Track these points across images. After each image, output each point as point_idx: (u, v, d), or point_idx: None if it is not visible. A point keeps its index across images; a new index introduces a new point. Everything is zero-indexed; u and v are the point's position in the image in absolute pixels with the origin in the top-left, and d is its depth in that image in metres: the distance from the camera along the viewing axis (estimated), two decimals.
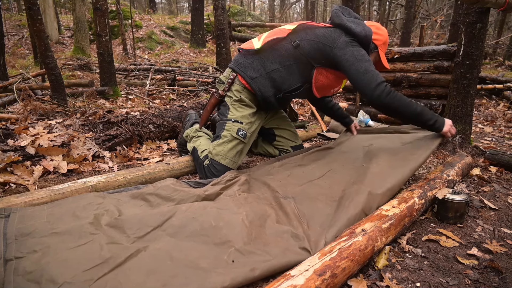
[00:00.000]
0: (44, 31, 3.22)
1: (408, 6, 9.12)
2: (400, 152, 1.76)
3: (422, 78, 2.83)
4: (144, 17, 13.38)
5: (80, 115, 2.90)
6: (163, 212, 1.30)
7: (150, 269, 1.03)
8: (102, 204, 1.36)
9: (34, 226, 1.17)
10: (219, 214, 1.29)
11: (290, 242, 1.20)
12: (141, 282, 0.98)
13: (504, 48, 9.90)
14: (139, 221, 1.24)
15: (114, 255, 1.05)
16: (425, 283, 1.10)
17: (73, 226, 1.17)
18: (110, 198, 1.43)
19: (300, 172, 1.74)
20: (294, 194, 1.52)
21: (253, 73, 1.86)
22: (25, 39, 9.48)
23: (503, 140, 3.01)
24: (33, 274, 0.96)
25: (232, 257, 1.10)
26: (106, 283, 0.95)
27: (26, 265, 0.99)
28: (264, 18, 19.33)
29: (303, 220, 1.34)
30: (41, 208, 1.30)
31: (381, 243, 1.19)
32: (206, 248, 1.14)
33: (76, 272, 0.97)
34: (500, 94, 5.01)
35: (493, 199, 1.75)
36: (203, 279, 0.99)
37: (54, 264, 1.00)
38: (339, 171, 1.71)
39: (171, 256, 1.09)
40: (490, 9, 2.19)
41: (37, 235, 1.12)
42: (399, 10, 16.21)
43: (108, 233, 1.17)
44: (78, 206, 1.31)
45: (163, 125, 2.69)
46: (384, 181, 1.51)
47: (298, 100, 4.79)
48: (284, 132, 2.23)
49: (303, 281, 0.90)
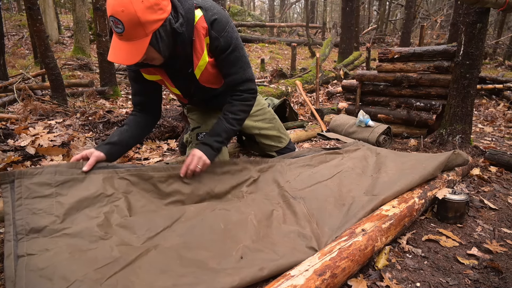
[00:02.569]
0: (44, 31, 3.22)
1: (408, 6, 9.12)
2: (408, 162, 1.75)
3: (422, 78, 2.83)
4: None
5: (80, 115, 2.90)
6: (172, 213, 1.32)
7: (160, 268, 1.04)
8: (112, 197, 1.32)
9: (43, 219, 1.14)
10: (228, 216, 1.32)
11: (297, 242, 1.20)
12: (151, 280, 0.99)
13: (504, 48, 9.90)
14: (149, 221, 1.25)
15: (124, 255, 1.06)
16: (425, 283, 1.10)
17: (83, 229, 1.16)
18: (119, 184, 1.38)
19: (310, 173, 1.74)
20: (303, 195, 1.52)
21: None
22: (25, 39, 9.48)
23: (503, 140, 3.01)
24: (45, 271, 0.97)
25: (241, 253, 1.12)
26: (117, 282, 0.96)
27: (38, 262, 0.99)
28: (264, 18, 19.33)
29: (312, 220, 1.34)
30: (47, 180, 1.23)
31: (381, 243, 1.19)
32: (215, 248, 1.15)
33: (88, 270, 0.98)
34: (500, 94, 5.01)
35: (493, 199, 1.75)
36: (212, 279, 1.00)
37: (66, 262, 1.01)
38: (348, 175, 1.70)
39: (180, 255, 1.10)
40: (490, 9, 2.19)
41: (48, 234, 1.12)
42: (399, 10, 16.21)
43: (119, 234, 1.18)
44: (88, 197, 1.27)
45: (163, 125, 2.69)
46: (394, 184, 1.50)
47: (298, 100, 4.79)
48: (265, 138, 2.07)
49: (303, 281, 0.90)
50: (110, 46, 1.25)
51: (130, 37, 1.18)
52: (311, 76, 5.72)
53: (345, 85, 3.57)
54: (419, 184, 1.55)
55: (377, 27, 14.12)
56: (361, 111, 2.88)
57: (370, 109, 3.18)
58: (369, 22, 16.32)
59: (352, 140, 2.61)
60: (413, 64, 2.91)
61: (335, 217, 1.35)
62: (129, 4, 1.11)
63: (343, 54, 8.28)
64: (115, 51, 1.21)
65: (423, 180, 1.57)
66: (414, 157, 1.84)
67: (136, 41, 1.19)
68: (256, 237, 1.21)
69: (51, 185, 1.23)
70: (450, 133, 2.44)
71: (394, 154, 1.93)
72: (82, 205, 1.24)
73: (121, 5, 1.11)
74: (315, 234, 1.23)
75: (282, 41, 12.65)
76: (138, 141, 1.60)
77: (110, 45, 1.25)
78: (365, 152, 1.99)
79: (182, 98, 1.73)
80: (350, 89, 3.51)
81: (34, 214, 1.14)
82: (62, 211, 1.18)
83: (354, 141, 2.31)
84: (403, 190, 1.48)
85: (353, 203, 1.42)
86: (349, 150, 2.03)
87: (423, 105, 2.84)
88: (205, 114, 1.87)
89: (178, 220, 1.28)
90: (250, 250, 1.14)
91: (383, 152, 1.95)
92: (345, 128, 2.87)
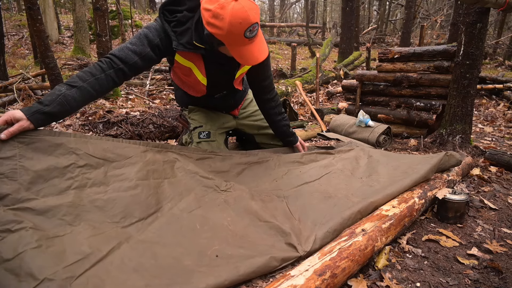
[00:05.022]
0: (44, 31, 3.21)
1: (408, 6, 9.12)
2: (400, 167, 1.71)
3: (422, 78, 2.83)
4: (144, 17, 13.37)
5: (80, 115, 2.90)
6: (150, 204, 1.27)
7: (132, 266, 1.00)
8: (85, 168, 1.21)
9: (5, 186, 1.01)
10: (204, 219, 1.28)
11: (276, 239, 1.20)
12: (123, 279, 0.94)
13: (504, 48, 9.90)
14: (124, 208, 1.19)
15: (95, 250, 1.00)
16: (425, 283, 1.10)
17: (50, 207, 1.07)
18: (93, 147, 1.26)
19: (298, 172, 1.72)
20: (288, 194, 1.51)
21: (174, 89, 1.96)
22: (25, 39, 9.47)
23: (503, 140, 3.01)
24: (11, 263, 0.89)
25: (216, 252, 1.09)
26: (87, 280, 0.91)
27: (3, 250, 0.92)
28: (264, 18, 19.32)
29: (294, 216, 1.33)
30: (12, 144, 1.09)
31: (381, 243, 1.19)
32: (190, 245, 1.13)
33: (57, 268, 0.91)
34: (500, 94, 5.01)
35: (493, 199, 1.75)
36: (186, 280, 0.97)
37: (33, 253, 0.93)
38: (337, 176, 1.68)
39: (154, 253, 1.06)
40: (490, 9, 2.19)
41: (10, 203, 1.01)
42: (399, 10, 16.21)
43: (89, 218, 1.10)
44: (57, 166, 1.15)
45: (163, 125, 2.69)
46: (384, 189, 1.48)
47: (298, 100, 4.80)
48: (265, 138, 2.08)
49: (303, 281, 0.90)
50: (244, 53, 1.36)
51: (258, 33, 1.37)
52: (311, 76, 5.72)
53: (345, 85, 3.57)
54: (410, 188, 1.53)
55: (377, 27, 14.12)
56: (361, 111, 2.88)
57: (370, 109, 3.18)
58: (369, 22, 16.32)
59: (348, 140, 2.61)
60: (413, 64, 2.91)
61: (320, 210, 1.35)
62: (253, 5, 1.30)
63: (343, 54, 8.28)
64: (255, 53, 1.37)
65: (415, 183, 1.55)
66: (406, 161, 1.78)
67: (260, 35, 1.38)
68: (232, 239, 1.18)
69: (13, 145, 1.09)
70: (450, 133, 2.44)
71: (387, 157, 1.87)
72: (51, 175, 1.12)
73: (251, 9, 1.28)
74: (295, 230, 1.23)
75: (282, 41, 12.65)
76: (81, 107, 1.40)
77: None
78: (358, 153, 1.95)
79: (198, 90, 1.72)
80: (350, 89, 3.51)
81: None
82: (27, 179, 1.07)
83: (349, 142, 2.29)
84: (394, 194, 1.46)
85: (341, 199, 1.42)
86: (341, 151, 2.01)
87: (423, 105, 2.84)
88: (207, 115, 1.89)
89: (154, 215, 1.24)
90: (226, 249, 1.12)
91: (375, 155, 1.89)
92: (345, 128, 2.87)
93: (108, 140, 1.33)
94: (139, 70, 1.44)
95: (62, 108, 1.22)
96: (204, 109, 1.90)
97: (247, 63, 1.40)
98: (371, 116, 2.98)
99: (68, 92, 1.23)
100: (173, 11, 1.44)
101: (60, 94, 1.22)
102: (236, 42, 1.33)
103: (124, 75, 1.40)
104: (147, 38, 1.41)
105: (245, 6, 1.25)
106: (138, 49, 1.40)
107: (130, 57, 1.38)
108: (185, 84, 1.75)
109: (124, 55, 1.37)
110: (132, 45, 1.39)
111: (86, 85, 1.28)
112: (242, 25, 1.26)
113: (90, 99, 1.34)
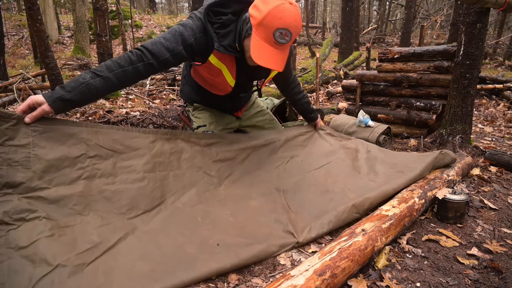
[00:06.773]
0: (44, 31, 3.21)
1: (408, 6, 9.12)
2: (396, 166, 1.76)
3: (422, 78, 2.83)
4: (144, 17, 13.38)
5: (80, 115, 2.90)
6: (155, 197, 1.31)
7: (139, 254, 1.06)
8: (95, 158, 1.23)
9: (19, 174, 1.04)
10: (205, 213, 1.34)
11: (274, 227, 1.27)
12: (130, 266, 1.01)
13: (504, 48, 9.89)
14: (131, 200, 1.24)
15: (104, 240, 1.07)
16: (425, 283, 1.10)
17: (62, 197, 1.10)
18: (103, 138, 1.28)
19: (299, 161, 1.75)
20: (287, 187, 1.56)
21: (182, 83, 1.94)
22: (25, 39, 9.48)
23: (503, 140, 3.01)
24: (27, 251, 0.94)
25: (217, 241, 1.16)
26: (97, 267, 0.98)
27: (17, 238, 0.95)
28: None
29: (292, 209, 1.39)
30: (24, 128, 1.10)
31: (381, 243, 1.19)
32: (192, 236, 1.19)
33: (69, 255, 0.98)
34: (500, 94, 5.01)
35: (493, 199, 1.75)
36: (189, 267, 1.03)
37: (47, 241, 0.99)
38: (337, 167, 1.74)
39: (158, 243, 1.12)
40: (490, 9, 2.19)
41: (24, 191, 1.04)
42: (399, 10, 16.21)
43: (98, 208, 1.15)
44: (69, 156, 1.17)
45: (163, 125, 2.69)
46: (379, 187, 1.54)
47: None
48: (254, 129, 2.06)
49: (303, 281, 0.91)
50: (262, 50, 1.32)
51: (286, 46, 1.34)
52: (311, 76, 5.72)
53: (345, 85, 3.57)
54: (405, 186, 1.58)
55: (377, 27, 14.11)
56: (361, 111, 2.88)
57: (370, 109, 3.18)
58: (369, 22, 16.32)
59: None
60: (413, 64, 2.91)
61: (317, 204, 1.42)
62: (300, 20, 1.31)
63: (343, 54, 8.28)
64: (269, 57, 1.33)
65: (410, 182, 1.60)
66: (402, 159, 1.83)
67: (286, 49, 1.36)
68: (232, 230, 1.25)
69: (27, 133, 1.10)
70: (450, 133, 2.44)
71: (384, 154, 1.91)
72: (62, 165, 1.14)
73: (297, 20, 1.29)
74: (292, 221, 1.31)
75: None
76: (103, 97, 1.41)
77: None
78: (357, 145, 2.00)
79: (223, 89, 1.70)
80: (350, 89, 3.51)
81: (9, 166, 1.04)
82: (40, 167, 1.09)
83: None
84: (389, 191, 1.51)
85: (338, 194, 1.48)
86: (343, 137, 2.08)
87: (423, 105, 2.83)
88: (212, 114, 1.90)
89: (158, 207, 1.30)
90: (226, 238, 1.18)
91: (373, 151, 1.94)
92: (345, 128, 2.87)
93: (119, 130, 1.35)
94: (167, 66, 1.44)
95: (83, 97, 1.22)
96: (210, 108, 1.90)
97: (256, 60, 1.33)
98: (371, 116, 2.98)
99: (91, 81, 1.23)
100: (219, 12, 1.42)
101: (84, 82, 1.21)
102: (261, 35, 1.30)
103: (153, 70, 1.38)
104: (182, 36, 1.39)
105: (292, 12, 1.27)
106: (172, 46, 1.36)
107: (162, 53, 1.35)
108: (208, 83, 1.72)
109: (156, 50, 1.34)
110: (166, 41, 1.36)
111: (111, 75, 1.26)
112: (278, 22, 1.26)
113: (113, 90, 1.34)
